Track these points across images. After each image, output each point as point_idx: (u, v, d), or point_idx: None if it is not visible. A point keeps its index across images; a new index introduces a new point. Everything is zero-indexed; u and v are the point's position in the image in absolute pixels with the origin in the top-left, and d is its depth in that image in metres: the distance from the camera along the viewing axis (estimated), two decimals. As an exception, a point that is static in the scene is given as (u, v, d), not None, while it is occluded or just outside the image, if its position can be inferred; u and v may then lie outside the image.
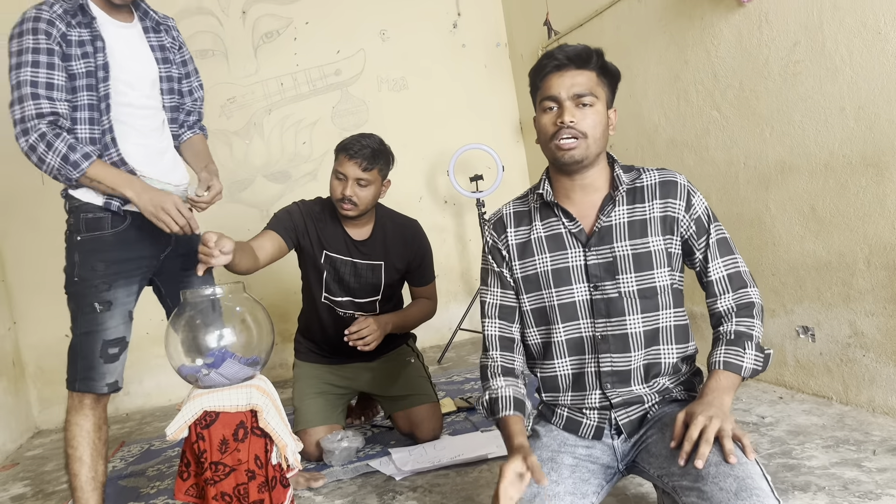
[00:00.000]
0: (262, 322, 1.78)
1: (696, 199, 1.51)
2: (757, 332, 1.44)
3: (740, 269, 1.50)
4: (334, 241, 2.51)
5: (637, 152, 3.27)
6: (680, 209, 1.49)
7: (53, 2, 1.88)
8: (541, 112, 1.52)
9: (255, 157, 4.20)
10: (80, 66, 1.88)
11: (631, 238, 1.48)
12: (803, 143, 2.33)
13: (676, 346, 1.50)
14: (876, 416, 2.18)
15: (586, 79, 1.48)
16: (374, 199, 2.47)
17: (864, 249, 2.17)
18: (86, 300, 1.90)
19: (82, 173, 1.82)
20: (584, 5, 3.51)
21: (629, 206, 1.50)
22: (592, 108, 1.47)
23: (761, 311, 1.48)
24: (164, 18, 2.13)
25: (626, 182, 1.51)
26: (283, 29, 4.21)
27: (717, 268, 1.49)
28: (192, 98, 2.20)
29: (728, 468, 1.23)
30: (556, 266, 1.52)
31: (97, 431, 1.94)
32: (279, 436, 1.71)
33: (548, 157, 1.54)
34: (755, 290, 1.50)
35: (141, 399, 3.99)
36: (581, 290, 1.50)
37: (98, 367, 1.90)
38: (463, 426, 2.69)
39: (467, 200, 4.42)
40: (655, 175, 1.52)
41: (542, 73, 1.52)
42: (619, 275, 1.48)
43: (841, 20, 2.13)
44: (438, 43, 4.45)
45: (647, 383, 1.49)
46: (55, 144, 1.79)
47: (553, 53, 1.51)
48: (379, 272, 2.55)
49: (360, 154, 2.37)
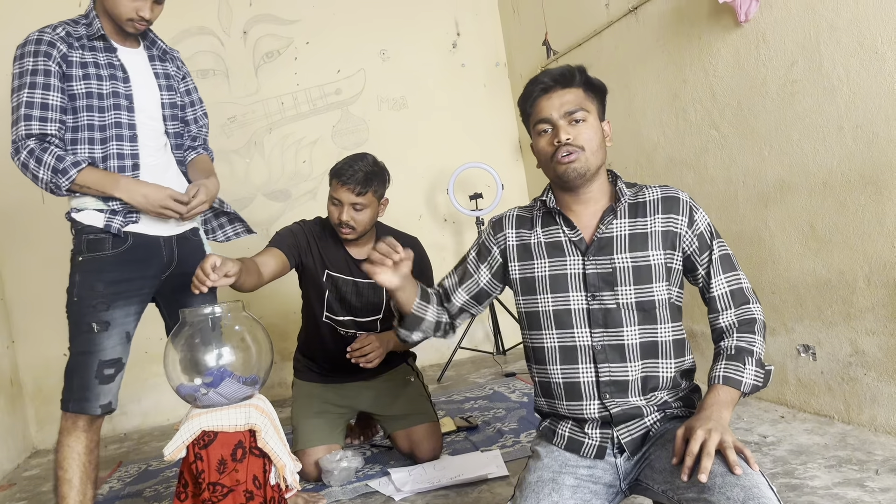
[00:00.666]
0: (261, 341, 1.77)
1: (699, 215, 1.51)
2: (758, 347, 1.44)
3: (743, 285, 1.50)
4: (336, 260, 2.51)
5: (636, 171, 3.28)
6: (682, 225, 1.49)
7: (57, 25, 1.94)
8: (536, 136, 1.54)
9: (256, 175, 4.21)
10: (81, 87, 1.92)
11: (631, 250, 1.48)
12: (802, 161, 2.34)
13: (674, 361, 1.49)
14: (878, 435, 2.17)
15: (574, 96, 1.51)
16: (372, 221, 2.48)
17: (864, 267, 2.17)
18: (84, 320, 1.91)
19: (72, 181, 1.85)
20: (582, 25, 3.53)
21: (631, 219, 1.51)
22: (586, 123, 1.50)
23: (763, 327, 1.48)
24: (170, 49, 2.18)
25: (629, 195, 1.53)
26: (284, 49, 4.24)
27: (720, 284, 1.49)
28: (197, 126, 2.25)
29: (734, 478, 1.22)
30: (555, 272, 1.53)
31: (88, 454, 1.93)
32: (278, 456, 1.70)
33: (551, 177, 1.55)
34: (758, 306, 1.49)
35: (139, 418, 3.96)
36: (578, 298, 1.50)
37: (93, 387, 1.90)
38: (463, 446, 2.67)
39: (467, 219, 4.43)
40: (658, 191, 1.53)
41: (530, 99, 1.55)
42: (618, 286, 1.47)
43: (838, 40, 2.15)
44: (438, 63, 4.48)
45: (644, 396, 1.48)
46: (44, 158, 1.84)
47: (538, 78, 1.54)
48: (381, 290, 2.54)
49: (352, 179, 2.36)
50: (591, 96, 1.54)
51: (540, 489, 1.44)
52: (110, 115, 1.95)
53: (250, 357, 1.74)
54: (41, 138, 1.86)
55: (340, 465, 2.40)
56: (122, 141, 1.97)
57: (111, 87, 1.96)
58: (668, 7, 2.86)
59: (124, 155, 1.97)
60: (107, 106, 1.95)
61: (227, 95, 4.16)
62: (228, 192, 4.08)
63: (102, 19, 1.97)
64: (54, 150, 1.85)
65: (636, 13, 3.07)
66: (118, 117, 1.96)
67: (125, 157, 1.97)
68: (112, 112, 1.95)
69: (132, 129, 1.99)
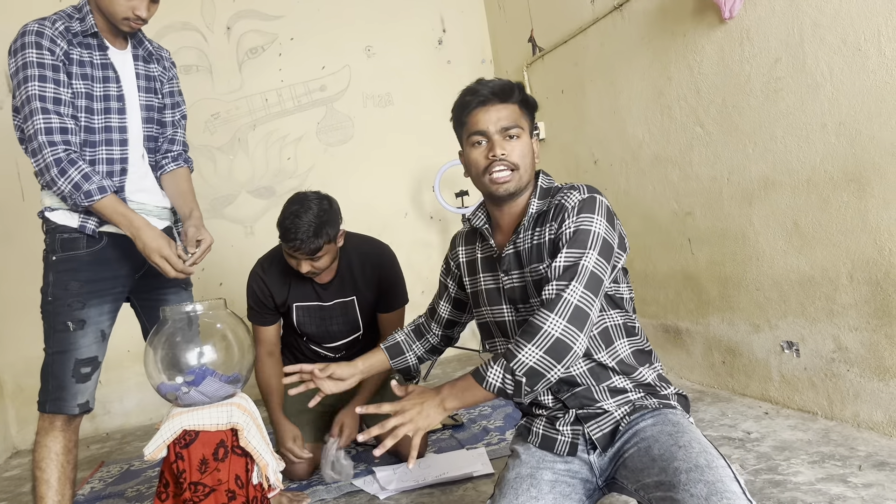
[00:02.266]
0: (242, 338, 1.75)
1: (569, 221, 1.43)
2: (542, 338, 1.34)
3: (558, 296, 1.36)
4: (301, 291, 2.50)
5: (622, 168, 3.28)
6: (557, 230, 1.46)
7: (55, 18, 1.88)
8: (469, 147, 1.56)
9: (240, 172, 4.18)
10: (80, 87, 1.89)
11: (531, 262, 1.50)
12: (785, 158, 2.35)
13: (606, 350, 1.49)
14: (861, 430, 2.18)
15: (510, 112, 1.52)
16: (335, 257, 2.42)
17: (847, 264, 2.18)
18: (59, 319, 1.89)
19: (92, 204, 1.83)
20: (568, 22, 3.53)
21: (535, 231, 1.51)
22: (520, 140, 1.51)
23: (570, 308, 1.34)
24: (157, 49, 2.13)
25: (535, 208, 1.52)
26: (268, 45, 4.20)
27: (549, 291, 1.38)
28: (173, 129, 2.16)
29: (699, 473, 1.23)
30: (489, 286, 1.62)
31: (66, 454, 1.91)
32: (260, 455, 1.68)
33: (481, 190, 1.58)
34: (576, 286, 1.36)
35: (121, 418, 3.92)
36: (508, 310, 1.58)
37: (69, 386, 1.88)
38: (448, 444, 2.66)
39: (453, 216, 4.42)
40: (559, 197, 1.49)
41: (467, 109, 1.55)
42: (532, 298, 1.51)
43: (821, 37, 2.15)
44: (424, 59, 4.47)
45: (596, 384, 1.49)
46: (69, 172, 1.80)
47: (476, 89, 1.54)
48: (352, 307, 2.54)
49: (302, 247, 2.25)
50: (525, 113, 1.56)
51: (518, 485, 1.45)
52: (101, 118, 1.92)
53: (232, 355, 1.73)
54: (66, 141, 1.81)
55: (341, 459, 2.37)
56: (112, 145, 1.94)
57: (103, 90, 1.93)
58: (653, 4, 2.86)
59: (114, 160, 1.95)
60: (98, 109, 1.92)
61: (211, 92, 4.12)
62: (212, 189, 4.06)
63: (96, 16, 1.92)
64: (80, 164, 1.81)
65: (621, 10, 3.07)
66: (108, 121, 1.94)
67: (114, 162, 1.95)
68: (103, 116, 1.92)
69: (123, 132, 1.96)
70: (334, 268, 2.48)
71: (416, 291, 4.50)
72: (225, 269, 3.96)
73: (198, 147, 3.97)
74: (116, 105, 1.95)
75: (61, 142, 1.81)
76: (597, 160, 3.49)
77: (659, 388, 1.52)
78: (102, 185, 1.82)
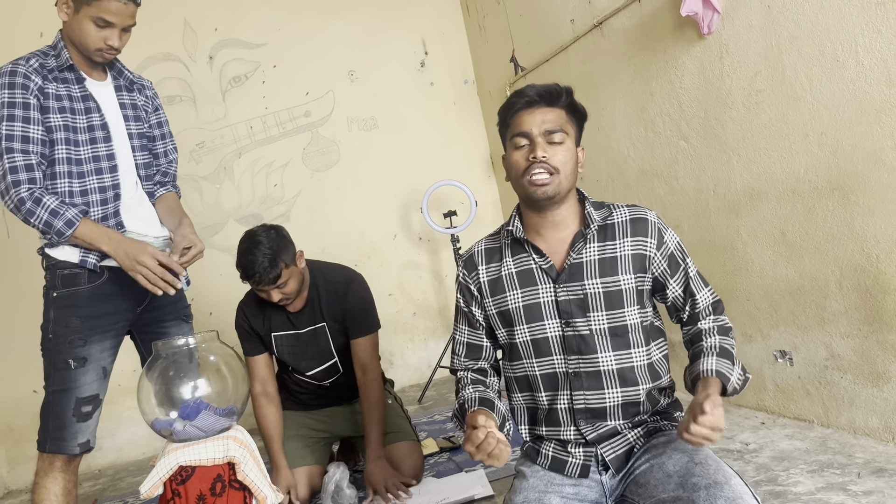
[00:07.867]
0: (236, 370, 1.74)
1: (668, 235, 1.51)
2: (736, 353, 1.49)
3: (718, 298, 1.55)
4: (278, 321, 2.54)
5: (608, 184, 3.30)
6: (651, 247, 1.48)
7: (30, 56, 1.90)
8: (512, 149, 1.51)
9: (226, 201, 4.17)
10: (58, 120, 1.89)
11: (602, 276, 1.47)
12: (770, 169, 2.37)
13: (652, 384, 1.49)
14: (857, 437, 2.19)
15: (556, 116, 1.49)
16: (301, 281, 2.46)
17: (836, 272, 2.20)
18: (60, 356, 1.87)
19: (68, 238, 1.84)
20: (549, 41, 3.56)
21: (600, 244, 1.49)
22: (563, 146, 1.48)
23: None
24: (139, 79, 2.15)
25: (597, 219, 1.50)
26: (251, 73, 4.21)
27: (705, 297, 1.52)
28: (166, 160, 2.20)
29: (718, 490, 1.22)
30: (528, 302, 1.51)
31: (66, 496, 1.89)
32: (258, 488, 1.66)
33: (519, 193, 1.53)
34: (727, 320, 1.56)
35: (113, 454, 3.87)
36: (553, 325, 1.49)
37: (70, 426, 1.86)
38: (447, 467, 2.64)
39: (442, 237, 4.42)
40: (626, 212, 1.51)
41: (512, 111, 1.52)
42: (591, 312, 1.46)
43: (799, 49, 2.18)
44: (407, 82, 4.49)
45: (624, 419, 1.48)
46: (36, 212, 1.81)
47: (523, 91, 1.51)
48: (323, 333, 2.55)
49: (263, 279, 2.32)
50: (573, 120, 1.53)
51: None
52: (87, 148, 1.92)
53: (226, 387, 1.71)
54: (31, 179, 1.81)
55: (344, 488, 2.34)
56: (102, 174, 1.95)
57: (86, 121, 1.94)
58: (633, 22, 2.90)
59: (105, 187, 1.95)
60: (83, 140, 1.92)
61: (195, 121, 4.12)
62: (199, 218, 4.04)
63: (70, 49, 1.94)
64: (46, 201, 1.82)
65: (601, 28, 3.11)
66: (95, 151, 1.94)
67: (106, 190, 1.95)
68: (89, 146, 1.93)
69: (111, 159, 1.97)
70: (304, 296, 2.51)
71: (406, 313, 4.51)
72: (214, 299, 3.93)
73: (183, 177, 3.96)
74: (101, 134, 1.96)
75: (26, 180, 1.81)
76: (582, 176, 3.50)
77: (672, 412, 1.53)
78: (69, 219, 1.83)
